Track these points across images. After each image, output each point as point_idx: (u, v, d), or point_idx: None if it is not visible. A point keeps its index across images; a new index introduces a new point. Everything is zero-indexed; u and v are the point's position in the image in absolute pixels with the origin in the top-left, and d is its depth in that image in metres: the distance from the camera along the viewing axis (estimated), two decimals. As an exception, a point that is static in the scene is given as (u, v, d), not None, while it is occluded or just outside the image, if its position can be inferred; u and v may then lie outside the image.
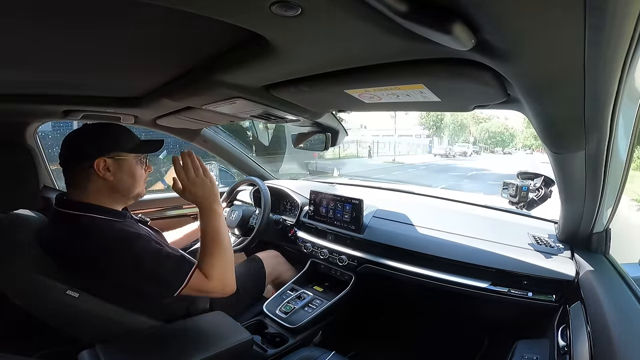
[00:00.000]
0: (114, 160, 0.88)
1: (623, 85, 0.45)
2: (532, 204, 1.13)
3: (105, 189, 0.89)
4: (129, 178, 0.92)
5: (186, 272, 0.84)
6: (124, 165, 0.90)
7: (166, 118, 1.33)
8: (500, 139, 41.03)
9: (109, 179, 0.88)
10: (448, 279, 1.12)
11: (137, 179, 0.94)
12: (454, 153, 29.05)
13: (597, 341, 0.65)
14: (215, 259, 0.89)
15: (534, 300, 1.00)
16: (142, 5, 0.42)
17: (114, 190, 0.90)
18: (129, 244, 0.82)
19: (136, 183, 0.94)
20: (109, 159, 0.87)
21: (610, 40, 0.35)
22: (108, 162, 0.87)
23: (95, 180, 0.87)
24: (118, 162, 0.89)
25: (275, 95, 0.82)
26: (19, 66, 0.76)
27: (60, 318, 0.84)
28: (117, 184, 0.89)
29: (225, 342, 0.87)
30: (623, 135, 0.64)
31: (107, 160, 0.87)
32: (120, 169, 0.90)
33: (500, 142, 41.05)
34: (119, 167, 0.89)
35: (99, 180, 0.87)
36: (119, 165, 0.89)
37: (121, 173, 0.90)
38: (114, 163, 0.88)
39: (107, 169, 0.87)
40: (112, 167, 0.88)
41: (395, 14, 0.36)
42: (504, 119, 41.94)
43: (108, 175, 0.87)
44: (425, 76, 0.57)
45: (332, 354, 1.03)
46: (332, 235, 1.45)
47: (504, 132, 41.35)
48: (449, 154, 28.19)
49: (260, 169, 2.00)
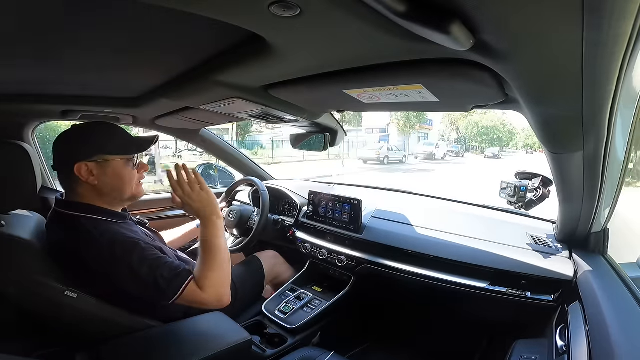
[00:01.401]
0: (97, 163, 0.85)
1: (621, 86, 0.45)
2: (531, 204, 1.13)
3: (93, 192, 0.86)
4: (115, 181, 0.88)
5: (181, 284, 0.81)
6: (107, 168, 0.86)
7: (165, 118, 1.33)
8: (495, 136, 31.11)
9: (92, 183, 0.85)
10: (447, 279, 1.12)
11: (126, 181, 0.90)
12: (417, 154, 20.88)
13: (596, 341, 0.65)
14: (211, 271, 0.86)
15: (533, 300, 1.00)
16: (141, 6, 0.42)
17: (102, 194, 0.87)
18: (127, 250, 0.81)
19: (125, 185, 0.90)
20: (91, 162, 0.84)
21: (608, 41, 0.35)
22: (90, 165, 0.84)
23: (81, 184, 0.85)
24: (101, 164, 0.85)
25: (274, 96, 0.82)
26: (17, 66, 0.76)
27: (59, 318, 0.83)
28: (103, 188, 0.87)
29: (224, 343, 0.87)
30: (621, 136, 0.64)
31: (89, 164, 0.84)
32: (104, 173, 0.86)
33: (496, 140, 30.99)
34: (103, 171, 0.86)
35: (84, 184, 0.85)
36: (102, 168, 0.86)
37: (105, 176, 0.86)
38: (96, 166, 0.85)
39: (90, 172, 0.84)
40: (95, 170, 0.85)
41: (393, 14, 0.36)
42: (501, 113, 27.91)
43: (92, 180, 0.85)
44: (424, 76, 0.57)
45: (331, 354, 1.03)
46: (331, 235, 1.45)
47: (500, 127, 31.28)
48: (404, 156, 18.03)
49: (258, 169, 2.00)
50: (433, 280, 1.14)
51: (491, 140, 30.95)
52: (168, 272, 0.82)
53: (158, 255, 0.85)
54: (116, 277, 0.80)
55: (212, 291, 0.84)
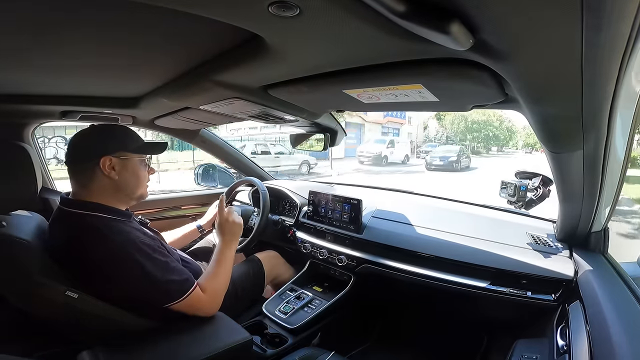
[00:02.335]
0: (120, 159, 0.90)
1: (620, 85, 0.45)
2: (531, 204, 1.13)
3: (110, 188, 0.90)
4: (133, 178, 0.93)
5: (188, 288, 0.89)
6: (128, 165, 0.92)
7: (164, 118, 1.33)
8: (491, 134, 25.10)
9: (113, 177, 0.89)
10: (447, 278, 1.12)
11: (141, 180, 0.96)
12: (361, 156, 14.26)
13: (596, 340, 0.65)
14: (216, 279, 1.00)
15: (533, 300, 1.00)
16: (141, 6, 0.42)
17: (118, 190, 0.91)
18: (139, 250, 0.84)
19: (140, 184, 0.96)
20: (115, 158, 0.89)
21: (608, 41, 0.35)
22: (114, 161, 0.89)
23: (99, 179, 0.88)
24: (123, 161, 0.91)
25: (274, 96, 0.82)
26: (17, 66, 0.76)
27: (60, 318, 0.83)
28: (121, 183, 0.91)
29: (225, 343, 0.87)
30: (620, 135, 0.64)
31: (113, 159, 0.89)
32: (125, 169, 0.91)
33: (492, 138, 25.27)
34: (124, 167, 0.91)
35: (103, 179, 0.88)
36: (124, 164, 0.91)
37: (126, 172, 0.91)
38: (119, 162, 0.90)
39: (113, 167, 0.89)
40: (117, 166, 0.89)
41: (393, 14, 0.36)
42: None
43: (113, 174, 0.89)
44: (424, 76, 0.57)
45: (331, 354, 1.03)
46: (331, 235, 1.45)
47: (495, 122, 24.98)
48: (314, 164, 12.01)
49: (258, 169, 2.00)
50: (433, 280, 1.14)
51: (485, 138, 25.12)
52: (178, 275, 0.88)
53: (168, 257, 0.90)
54: (124, 276, 0.82)
55: (212, 298, 0.95)
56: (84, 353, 0.79)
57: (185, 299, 0.87)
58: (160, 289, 0.85)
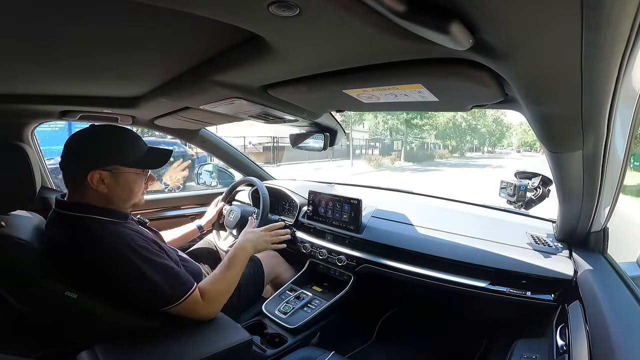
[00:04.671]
0: (111, 173, 0.85)
1: (620, 85, 0.45)
2: (530, 204, 1.13)
3: (100, 197, 0.86)
4: (124, 192, 0.88)
5: (185, 291, 0.86)
6: (120, 179, 0.86)
7: (164, 118, 1.33)
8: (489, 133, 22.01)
9: (102, 191, 0.84)
10: (447, 278, 1.12)
11: (134, 193, 0.91)
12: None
13: (596, 340, 0.65)
14: (221, 284, 0.96)
15: (533, 300, 1.00)
16: (140, 5, 0.42)
17: (108, 201, 0.87)
18: (134, 251, 0.82)
19: (133, 196, 0.91)
20: (105, 171, 0.84)
21: (607, 41, 0.35)
22: (104, 174, 0.84)
23: (88, 189, 0.85)
24: (115, 175, 0.85)
25: (274, 96, 0.82)
26: (17, 66, 0.76)
27: (59, 318, 0.83)
28: (110, 197, 0.86)
29: (225, 343, 0.87)
30: (620, 135, 0.64)
31: (103, 173, 0.84)
32: (116, 183, 0.86)
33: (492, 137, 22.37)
34: (116, 181, 0.86)
35: (92, 190, 0.84)
36: (116, 178, 0.86)
37: (117, 187, 0.86)
38: (110, 176, 0.85)
39: (102, 181, 0.84)
40: (108, 179, 0.85)
41: (393, 14, 0.36)
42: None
43: (102, 188, 0.84)
44: (423, 76, 0.57)
45: (331, 354, 1.03)
46: (331, 235, 1.45)
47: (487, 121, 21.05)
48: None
49: (258, 169, 2.00)
50: (433, 280, 1.14)
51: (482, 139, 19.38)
52: (174, 279, 0.86)
53: (165, 259, 0.87)
54: (121, 277, 0.81)
55: (210, 304, 0.91)
56: (84, 353, 0.79)
57: (181, 303, 0.84)
58: (156, 291, 0.82)
